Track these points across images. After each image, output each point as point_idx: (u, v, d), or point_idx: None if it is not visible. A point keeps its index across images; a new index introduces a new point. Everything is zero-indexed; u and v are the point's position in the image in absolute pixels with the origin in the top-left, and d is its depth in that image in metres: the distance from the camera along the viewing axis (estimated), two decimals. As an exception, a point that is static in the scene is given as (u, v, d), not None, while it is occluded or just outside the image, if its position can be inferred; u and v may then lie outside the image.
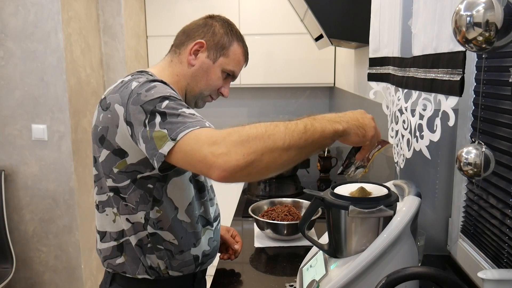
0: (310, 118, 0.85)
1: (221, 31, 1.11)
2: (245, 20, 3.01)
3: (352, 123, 0.88)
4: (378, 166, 1.75)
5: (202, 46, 1.10)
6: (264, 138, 0.78)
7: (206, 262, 1.14)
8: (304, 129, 0.81)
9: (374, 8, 1.30)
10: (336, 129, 0.85)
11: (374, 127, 0.92)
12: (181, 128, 0.84)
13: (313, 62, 3.04)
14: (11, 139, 2.40)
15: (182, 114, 0.87)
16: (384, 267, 0.84)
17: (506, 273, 0.77)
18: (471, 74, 1.08)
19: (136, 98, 0.91)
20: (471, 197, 1.10)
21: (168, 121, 0.86)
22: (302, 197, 1.71)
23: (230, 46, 1.12)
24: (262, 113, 3.46)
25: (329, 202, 0.92)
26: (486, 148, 0.72)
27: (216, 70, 1.12)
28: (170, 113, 0.87)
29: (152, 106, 0.89)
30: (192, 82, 1.12)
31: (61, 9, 2.27)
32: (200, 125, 0.84)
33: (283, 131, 0.80)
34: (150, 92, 0.91)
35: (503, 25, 0.56)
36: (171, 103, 0.89)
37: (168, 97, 0.91)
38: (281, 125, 0.81)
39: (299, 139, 0.80)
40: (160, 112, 0.88)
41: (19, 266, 2.48)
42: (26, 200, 2.45)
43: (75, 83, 2.42)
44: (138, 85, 0.94)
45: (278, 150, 0.79)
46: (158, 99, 0.89)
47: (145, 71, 1.08)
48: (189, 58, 1.10)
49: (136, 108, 0.90)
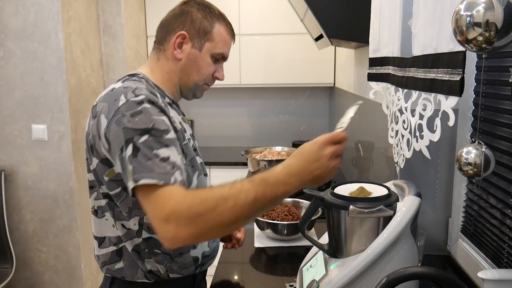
0: (262, 183, 0.84)
1: (199, 16, 1.07)
2: (245, 20, 3.01)
3: (306, 179, 0.85)
4: (378, 166, 1.75)
5: (185, 38, 1.06)
6: (213, 217, 0.81)
7: (206, 263, 1.14)
8: (254, 199, 0.82)
9: (374, 8, 1.30)
10: (287, 191, 0.85)
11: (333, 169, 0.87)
12: (145, 174, 0.84)
13: (313, 62, 3.04)
14: (11, 139, 2.40)
15: (155, 157, 0.86)
16: (384, 267, 0.84)
17: (506, 273, 0.77)
18: (471, 74, 1.08)
19: (120, 119, 0.89)
20: (471, 197, 1.10)
21: (138, 159, 0.86)
22: (302, 197, 1.70)
23: (212, 28, 1.08)
24: (262, 113, 3.46)
25: (329, 202, 0.92)
26: (486, 148, 0.72)
27: (204, 57, 1.08)
28: (143, 153, 0.86)
29: (131, 136, 0.87)
30: (184, 76, 1.10)
31: (61, 9, 2.27)
32: (165, 179, 0.84)
33: (231, 207, 0.82)
34: (134, 119, 0.89)
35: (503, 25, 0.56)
36: (150, 139, 0.87)
37: (150, 130, 0.88)
38: (231, 200, 0.82)
39: (248, 212, 0.83)
40: (135, 146, 0.87)
41: (19, 266, 2.48)
42: (26, 200, 2.45)
43: (75, 83, 2.42)
44: (125, 104, 0.91)
45: (225, 225, 0.84)
46: (138, 131, 0.88)
47: (137, 74, 1.06)
48: (175, 53, 1.07)
49: (117, 129, 0.89)
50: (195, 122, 3.46)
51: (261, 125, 3.48)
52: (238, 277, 1.27)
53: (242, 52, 3.05)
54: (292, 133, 3.41)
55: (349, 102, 2.42)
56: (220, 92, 3.38)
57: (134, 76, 1.04)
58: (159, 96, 0.99)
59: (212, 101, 3.42)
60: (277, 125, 3.46)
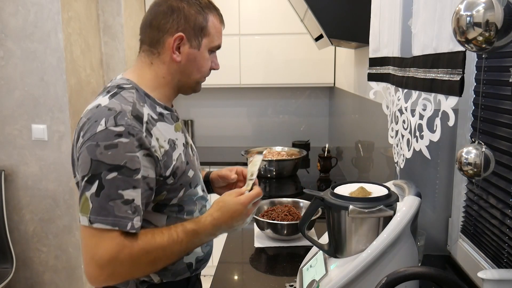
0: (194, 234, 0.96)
1: (192, 12, 1.00)
2: (245, 20, 3.01)
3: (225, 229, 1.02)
4: (378, 166, 1.75)
5: (182, 39, 1.00)
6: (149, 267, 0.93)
7: (200, 267, 1.12)
8: (186, 248, 0.97)
9: (374, 8, 1.30)
10: (211, 239, 1.05)
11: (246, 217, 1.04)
12: (101, 218, 0.85)
13: (313, 62, 3.04)
14: (11, 139, 2.40)
15: (118, 198, 0.86)
16: (384, 267, 0.84)
17: (506, 273, 0.77)
18: (471, 74, 1.08)
19: (93, 148, 0.87)
20: (471, 197, 1.10)
21: (99, 200, 0.85)
22: (302, 197, 1.71)
23: (207, 22, 1.02)
24: (262, 113, 3.46)
25: (329, 202, 0.92)
26: (486, 148, 0.72)
27: (203, 54, 1.04)
28: (106, 192, 0.85)
29: (99, 171, 0.86)
30: (184, 77, 1.05)
31: (61, 9, 2.27)
32: (120, 225, 0.86)
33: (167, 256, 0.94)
34: (107, 152, 0.86)
35: (503, 25, 0.56)
36: (119, 177, 0.86)
37: (121, 167, 0.86)
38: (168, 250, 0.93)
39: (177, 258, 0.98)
40: (100, 182, 0.85)
41: (19, 266, 2.48)
42: (26, 200, 2.45)
43: (75, 83, 2.42)
44: (102, 132, 0.87)
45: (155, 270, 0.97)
46: (108, 166, 0.86)
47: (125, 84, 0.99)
48: (174, 57, 1.01)
49: (87, 156, 0.87)
50: (195, 122, 3.46)
51: (261, 125, 3.48)
52: (238, 277, 1.27)
53: (242, 52, 3.05)
54: (292, 133, 3.41)
55: (349, 102, 2.43)
56: (220, 92, 3.38)
57: (123, 89, 0.97)
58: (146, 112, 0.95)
59: (212, 101, 3.42)
60: (277, 125, 3.46)
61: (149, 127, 0.93)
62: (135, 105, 0.94)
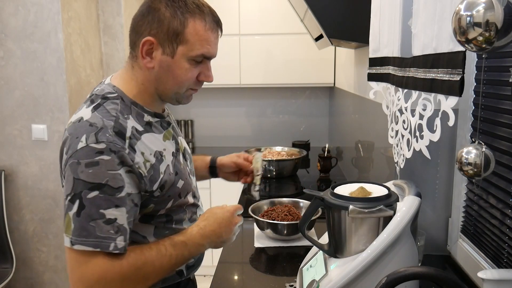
0: (183, 245, 0.96)
1: (167, 15, 0.90)
2: (245, 20, 3.01)
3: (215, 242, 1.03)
4: (378, 166, 1.75)
5: (152, 43, 0.91)
6: (139, 282, 0.90)
7: (191, 272, 1.10)
8: (175, 261, 0.95)
9: (374, 8, 1.30)
10: (200, 251, 1.02)
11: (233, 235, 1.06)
12: (82, 240, 0.83)
13: (313, 62, 3.04)
14: (11, 139, 2.40)
15: (100, 217, 0.83)
16: (384, 267, 0.84)
17: (506, 273, 0.77)
18: (471, 74, 1.08)
19: (74, 166, 0.84)
20: (471, 197, 1.10)
21: (80, 220, 0.83)
22: (302, 197, 1.71)
23: (184, 28, 0.90)
24: (262, 113, 3.46)
25: (329, 202, 0.92)
26: (486, 148, 0.72)
27: (179, 63, 0.93)
28: (87, 212, 0.83)
29: (80, 190, 0.83)
30: (160, 86, 0.96)
31: (61, 9, 2.27)
32: (102, 246, 0.83)
33: (157, 270, 0.92)
34: (88, 171, 0.83)
35: (503, 25, 0.56)
36: (100, 196, 0.83)
37: (103, 186, 0.83)
38: (157, 264, 0.91)
39: (167, 272, 0.95)
40: (81, 202, 0.83)
41: (19, 266, 2.48)
42: (26, 200, 2.45)
43: (75, 83, 2.42)
44: (83, 149, 0.85)
45: (147, 285, 0.93)
46: (89, 185, 0.83)
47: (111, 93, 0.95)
48: (144, 62, 0.93)
49: (70, 175, 0.85)
50: (195, 122, 3.46)
51: (261, 125, 3.48)
52: (238, 277, 1.27)
53: (242, 52, 3.05)
54: (292, 133, 3.41)
55: (349, 102, 2.43)
56: (220, 92, 3.38)
57: (107, 99, 0.93)
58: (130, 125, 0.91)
59: (212, 101, 3.42)
60: (277, 125, 3.46)
61: (132, 143, 0.90)
62: (118, 120, 0.90)
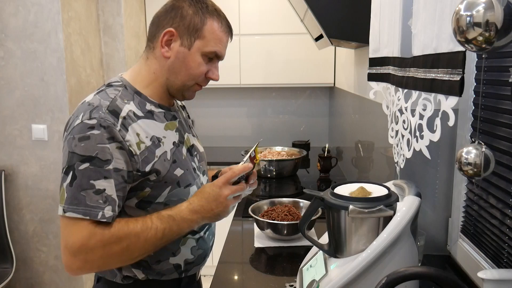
0: (170, 220, 0.96)
1: (190, 12, 1.00)
2: (245, 20, 3.01)
3: (206, 216, 1.00)
4: (378, 166, 1.75)
5: (173, 35, 1.00)
6: (123, 254, 0.93)
7: (191, 269, 1.11)
8: (162, 235, 0.95)
9: (374, 8, 1.30)
10: (191, 226, 1.00)
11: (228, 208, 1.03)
12: (73, 207, 0.89)
13: (313, 62, 3.04)
14: (11, 139, 2.40)
15: (90, 188, 0.89)
16: (384, 267, 0.84)
17: (506, 273, 0.77)
18: (471, 74, 1.07)
19: (70, 141, 0.92)
20: (471, 197, 1.10)
21: (72, 189, 0.90)
22: (302, 197, 1.71)
23: (203, 25, 1.00)
24: (262, 113, 3.46)
25: (329, 202, 0.92)
26: (486, 148, 0.72)
27: (194, 56, 1.01)
28: (78, 183, 0.89)
29: (73, 161, 0.90)
30: (172, 76, 1.03)
31: (61, 9, 2.27)
32: (91, 214, 0.89)
33: (142, 243, 0.93)
34: (80, 144, 0.90)
35: (503, 25, 0.56)
36: (90, 168, 0.90)
37: (93, 158, 0.90)
38: (142, 237, 0.93)
39: (154, 246, 0.96)
40: (74, 173, 0.90)
41: (19, 266, 2.48)
42: (26, 200, 2.45)
43: (75, 83, 2.42)
44: (78, 125, 0.92)
45: (132, 259, 0.96)
46: (81, 157, 0.90)
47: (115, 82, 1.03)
48: (162, 51, 1.01)
49: (66, 149, 0.93)
50: (195, 122, 3.46)
51: (261, 125, 3.48)
52: (238, 277, 1.27)
53: (242, 52, 3.05)
54: (292, 133, 3.41)
55: (349, 102, 2.43)
56: (220, 92, 3.38)
57: (111, 86, 1.01)
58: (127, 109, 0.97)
59: (212, 101, 3.42)
60: (277, 125, 3.46)
61: (125, 122, 0.95)
62: (115, 101, 0.96)
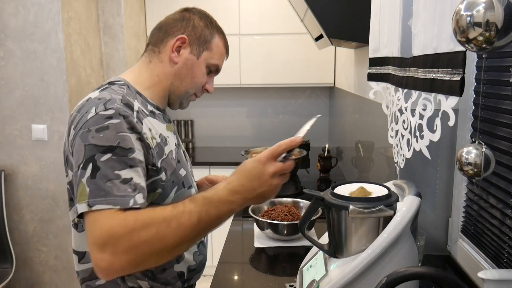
0: (206, 202, 0.83)
1: (201, 24, 1.06)
2: (245, 20, 3.01)
3: (249, 198, 0.86)
4: (378, 166, 1.75)
5: (184, 42, 1.04)
6: (154, 242, 0.79)
7: (192, 277, 1.09)
8: (198, 220, 0.81)
9: (374, 8, 1.30)
10: (232, 210, 0.85)
11: (275, 186, 0.87)
12: (100, 199, 0.80)
13: (313, 62, 3.04)
14: (11, 139, 2.40)
15: (116, 178, 0.82)
16: (384, 267, 0.84)
17: (506, 273, 0.77)
18: (471, 74, 1.07)
19: (85, 134, 0.85)
20: (471, 197, 1.10)
21: (96, 181, 0.81)
22: (302, 197, 1.71)
23: (212, 39, 1.07)
24: (262, 113, 3.46)
25: (329, 202, 0.92)
26: (486, 148, 0.72)
27: (200, 65, 1.06)
28: (102, 173, 0.82)
29: (92, 153, 0.83)
30: (176, 81, 1.06)
31: (61, 9, 2.27)
32: (122, 203, 0.80)
33: (174, 230, 0.80)
34: (99, 135, 0.84)
35: (503, 25, 0.56)
36: (113, 158, 0.83)
37: (115, 148, 0.84)
38: (174, 222, 0.80)
39: (190, 233, 0.82)
40: (95, 165, 0.82)
41: (19, 266, 2.48)
42: (26, 200, 2.45)
43: (75, 83, 2.42)
44: (93, 118, 0.87)
45: (168, 250, 0.81)
46: (102, 148, 0.83)
47: (117, 80, 1.02)
48: (172, 56, 1.04)
49: (80, 144, 0.85)
50: (195, 122, 3.46)
51: (261, 125, 3.48)
52: (238, 277, 1.27)
53: (242, 52, 3.05)
54: (292, 133, 3.38)
55: (349, 102, 2.43)
56: (220, 92, 3.38)
57: (114, 84, 1.00)
58: (137, 105, 0.96)
59: (212, 101, 3.42)
60: (277, 125, 3.46)
61: (140, 116, 0.94)
62: (125, 96, 0.95)
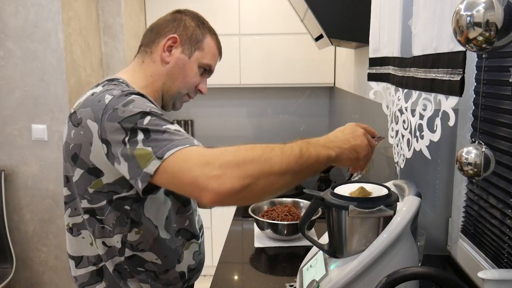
0: (304, 142, 0.82)
1: (192, 24, 1.07)
2: (245, 20, 3.01)
3: (344, 148, 0.87)
4: (378, 166, 1.75)
5: (176, 41, 1.05)
6: (261, 161, 0.75)
7: (192, 277, 1.10)
8: (300, 153, 0.79)
9: (374, 8, 1.30)
10: (329, 155, 0.83)
11: (367, 145, 0.91)
12: (168, 146, 0.77)
13: (313, 62, 3.04)
14: (11, 139, 2.40)
15: (168, 130, 0.81)
16: (384, 267, 0.84)
17: (506, 273, 0.77)
18: (471, 74, 1.08)
19: (113, 114, 0.83)
20: (471, 197, 1.10)
21: (153, 138, 0.79)
22: (302, 197, 1.71)
23: (204, 39, 1.08)
24: (262, 113, 3.46)
25: (329, 202, 0.92)
26: (486, 148, 0.72)
27: (192, 65, 1.07)
28: (154, 130, 0.80)
29: (132, 123, 0.81)
30: (169, 81, 1.06)
31: (61, 9, 2.27)
32: (189, 143, 0.79)
33: (279, 155, 0.77)
34: (128, 108, 0.83)
35: (503, 25, 0.56)
36: (154, 119, 0.83)
37: (149, 112, 0.83)
38: (277, 149, 0.78)
39: (294, 164, 0.78)
40: (142, 129, 0.81)
41: (19, 266, 2.48)
42: (26, 200, 2.45)
43: (75, 83, 2.42)
44: (113, 99, 0.86)
45: (275, 175, 0.76)
46: (138, 115, 0.82)
47: (116, 78, 1.02)
48: (163, 55, 1.04)
49: (113, 125, 0.83)
50: (195, 122, 3.46)
51: (261, 125, 3.48)
52: (238, 277, 1.27)
53: (242, 52, 3.05)
54: (292, 133, 3.41)
55: (349, 102, 2.43)
56: (220, 92, 3.38)
57: (113, 81, 1.00)
58: None
59: (212, 101, 3.42)
60: (277, 125, 3.46)
61: None
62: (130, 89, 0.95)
